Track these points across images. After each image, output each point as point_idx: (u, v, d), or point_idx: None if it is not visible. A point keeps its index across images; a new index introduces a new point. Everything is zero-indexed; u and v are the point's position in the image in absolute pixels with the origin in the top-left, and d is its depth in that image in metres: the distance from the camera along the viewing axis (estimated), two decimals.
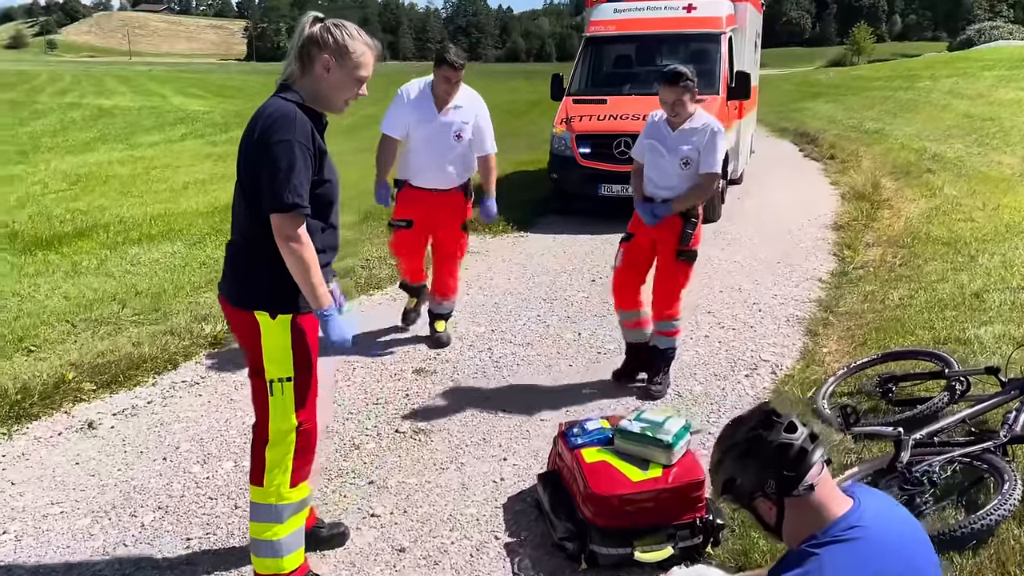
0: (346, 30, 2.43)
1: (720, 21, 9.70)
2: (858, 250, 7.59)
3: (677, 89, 3.99)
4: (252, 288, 2.48)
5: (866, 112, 23.77)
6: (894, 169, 12.84)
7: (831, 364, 4.69)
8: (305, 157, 2.33)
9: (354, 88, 2.48)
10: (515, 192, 11.07)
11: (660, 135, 4.15)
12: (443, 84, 4.65)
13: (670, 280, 4.21)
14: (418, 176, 4.83)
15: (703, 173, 4.10)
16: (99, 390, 4.36)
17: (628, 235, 4.30)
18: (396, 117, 4.78)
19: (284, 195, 2.30)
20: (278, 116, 2.35)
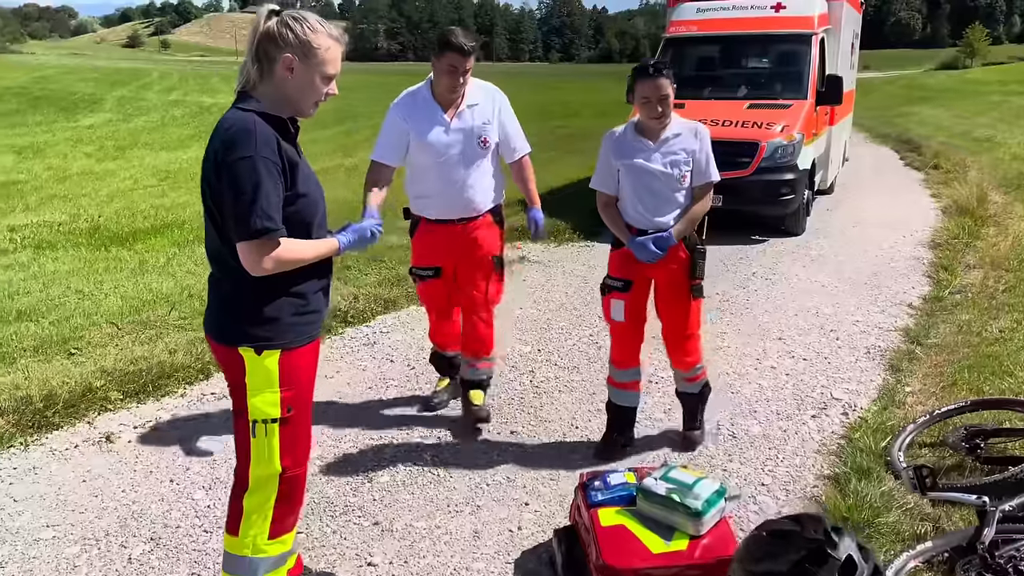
0: (307, 23, 2.14)
1: (811, 21, 9.08)
2: (956, 272, 6.91)
3: (659, 79, 3.26)
4: (234, 322, 2.23)
5: (977, 119, 22.30)
6: (1004, 182, 11.87)
7: (912, 408, 4.16)
8: (271, 173, 2.07)
9: (322, 88, 2.20)
10: (585, 198, 10.64)
11: (637, 151, 3.38)
12: (447, 77, 3.51)
13: (683, 322, 3.55)
14: (435, 206, 3.72)
15: (703, 184, 3.42)
16: (126, 399, 4.25)
17: (621, 282, 3.51)
18: (388, 138, 3.68)
19: (251, 220, 2.04)
20: (235, 131, 2.09)
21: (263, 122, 2.11)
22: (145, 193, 12.38)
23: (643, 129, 3.43)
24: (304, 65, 2.14)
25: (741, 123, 8.32)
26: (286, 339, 2.23)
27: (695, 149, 3.38)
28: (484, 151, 3.69)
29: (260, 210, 2.04)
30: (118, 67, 58.53)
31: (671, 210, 3.39)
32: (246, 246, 2.07)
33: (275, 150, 2.09)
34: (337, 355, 5.03)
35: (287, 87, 2.17)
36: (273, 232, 2.06)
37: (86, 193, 12.17)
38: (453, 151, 3.63)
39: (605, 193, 3.54)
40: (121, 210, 10.69)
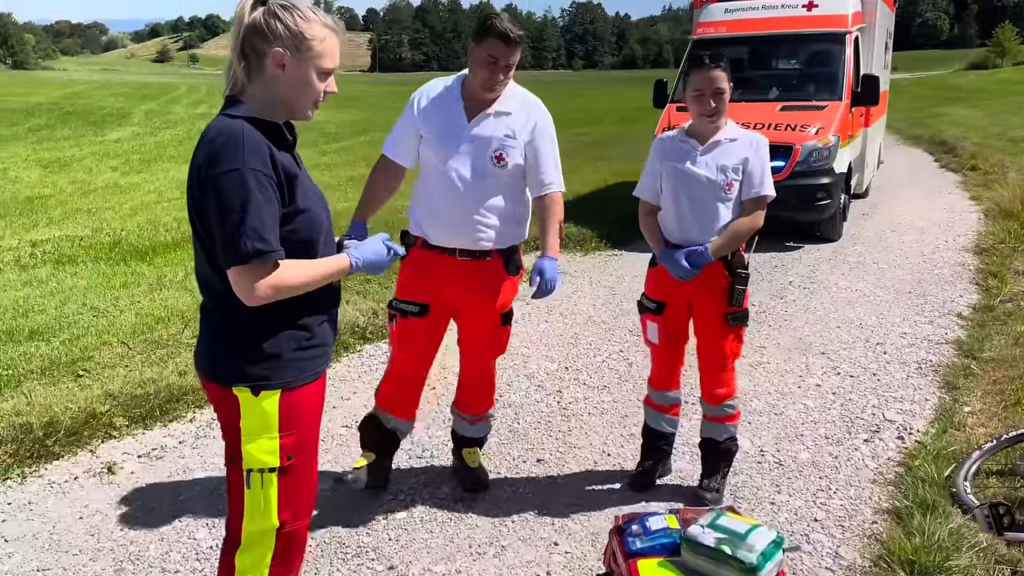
0: (298, 11, 1.87)
1: (845, 19, 8.75)
2: (1006, 279, 6.53)
3: (715, 71, 2.93)
4: (227, 358, 1.97)
5: (1012, 119, 21.71)
6: None
7: (974, 430, 3.83)
8: (264, 187, 1.81)
9: (320, 85, 1.93)
10: (613, 205, 10.41)
11: (683, 154, 3.06)
12: (484, 70, 2.85)
13: (718, 352, 3.17)
14: (435, 226, 3.03)
15: (752, 198, 3.05)
16: (132, 426, 4.03)
17: (655, 303, 3.21)
18: (404, 132, 3.08)
19: (241, 242, 1.78)
20: (221, 141, 1.83)
21: (253, 129, 1.86)
22: (169, 206, 12.29)
23: (693, 130, 3.12)
24: (297, 60, 1.88)
25: (774, 126, 7.99)
26: (287, 377, 1.97)
27: (748, 158, 3.05)
28: (499, 170, 2.96)
29: (251, 230, 1.78)
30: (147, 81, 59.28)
31: (712, 223, 3.06)
32: (237, 272, 1.82)
33: (267, 161, 1.83)
34: (354, 374, 4.78)
35: (279, 86, 1.91)
36: (267, 254, 1.80)
37: (110, 207, 12.12)
38: (462, 161, 2.95)
39: (647, 202, 3.23)
40: (143, 223, 10.60)
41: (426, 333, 3.15)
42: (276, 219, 1.84)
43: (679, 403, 3.39)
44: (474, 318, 3.15)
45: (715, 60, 2.97)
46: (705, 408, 3.30)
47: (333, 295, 2.09)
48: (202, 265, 1.96)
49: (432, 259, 3.06)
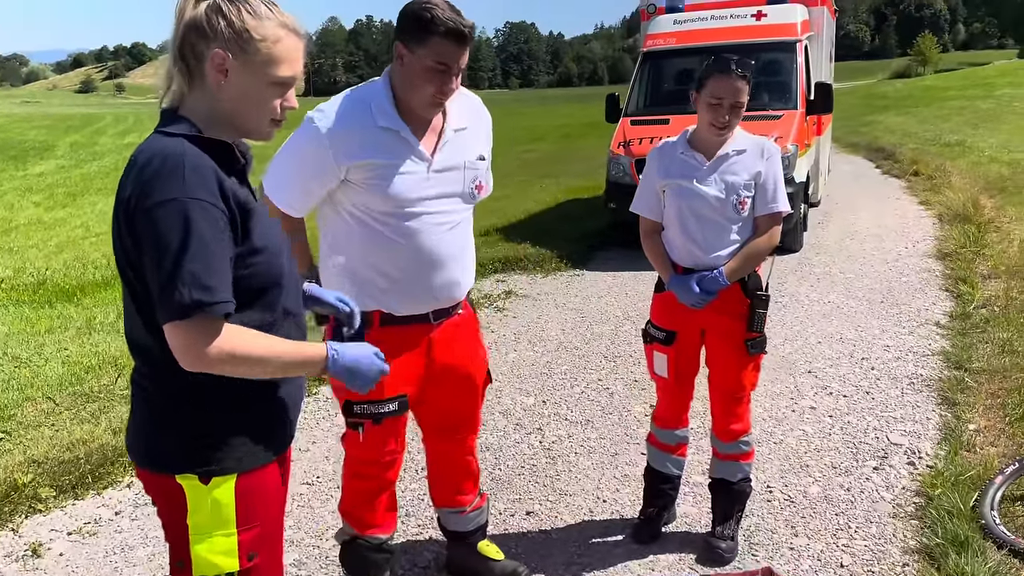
0: (246, 6, 1.51)
1: (794, 28, 8.68)
2: (975, 284, 6.42)
3: (740, 81, 2.60)
4: (168, 439, 1.58)
5: (943, 124, 22.27)
6: (988, 185, 11.59)
7: (984, 449, 3.60)
8: (210, 221, 1.44)
9: (273, 98, 1.56)
10: (570, 223, 10.17)
11: (688, 169, 2.73)
12: (431, 82, 2.14)
13: (736, 384, 2.85)
14: (403, 293, 2.32)
15: (768, 215, 2.75)
16: (60, 497, 3.54)
17: (663, 333, 2.87)
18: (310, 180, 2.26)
19: (177, 291, 1.40)
20: (155, 165, 1.45)
21: (196, 150, 1.48)
22: (97, 241, 11.65)
23: (698, 142, 2.78)
24: (242, 65, 1.50)
25: None
26: (244, 459, 1.59)
27: (760, 171, 2.73)
28: (472, 202, 2.41)
29: (189, 275, 1.40)
30: (71, 112, 57.31)
31: (724, 245, 2.74)
32: (174, 329, 1.44)
33: (215, 189, 1.46)
34: (312, 421, 4.35)
35: (223, 97, 1.53)
36: (211, 307, 1.42)
37: (33, 244, 11.43)
38: (434, 206, 2.27)
39: (647, 219, 2.89)
40: (70, 261, 9.98)
41: (402, 430, 2.48)
42: (227, 262, 1.46)
43: (687, 442, 3.06)
44: (457, 389, 2.51)
45: (743, 68, 2.62)
46: (717, 445, 2.98)
47: (301, 336, 1.70)
48: (132, 322, 1.56)
49: (401, 335, 2.33)
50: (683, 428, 3.01)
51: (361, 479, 2.49)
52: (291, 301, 1.65)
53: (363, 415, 2.35)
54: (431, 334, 2.40)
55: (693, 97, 2.72)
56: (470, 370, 2.51)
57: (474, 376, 2.54)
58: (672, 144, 2.82)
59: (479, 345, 2.58)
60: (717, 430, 2.95)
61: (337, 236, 2.33)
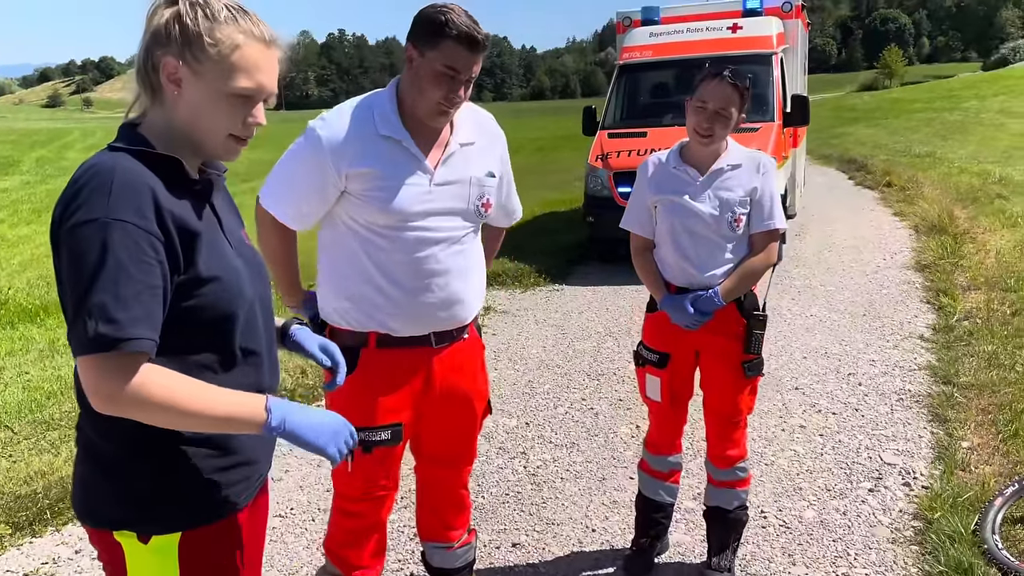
0: (208, 8, 1.35)
1: (770, 40, 8.67)
2: (956, 296, 6.40)
3: (729, 88, 2.49)
4: (102, 491, 1.41)
5: (912, 135, 22.55)
6: (960, 196, 11.69)
7: (979, 468, 3.52)
8: (132, 246, 1.27)
9: (232, 111, 1.38)
10: (547, 237, 10.05)
11: (680, 184, 2.61)
12: (439, 87, 2.04)
13: (732, 408, 2.72)
14: (403, 313, 2.17)
15: (764, 232, 2.62)
16: (16, 535, 3.33)
17: (657, 355, 2.73)
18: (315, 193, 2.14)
19: (83, 323, 1.24)
20: (82, 182, 1.30)
21: (134, 165, 1.33)
22: None
23: (690, 156, 2.66)
24: (194, 74, 1.35)
25: None
26: (190, 514, 1.42)
27: (756, 187, 2.61)
28: (479, 221, 2.27)
29: (98, 307, 1.24)
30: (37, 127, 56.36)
31: (720, 263, 2.62)
32: (81, 365, 1.28)
33: (145, 209, 1.29)
34: (285, 447, 4.15)
35: (178, 111, 1.38)
36: (116, 343, 1.24)
37: None
38: (436, 221, 2.15)
39: (638, 236, 2.77)
40: (34, 280, 9.68)
41: (396, 462, 2.30)
42: (151, 292, 1.28)
43: (680, 468, 2.93)
44: (455, 417, 2.33)
45: (736, 77, 2.51)
46: (712, 472, 2.85)
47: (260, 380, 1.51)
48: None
49: (399, 359, 2.19)
50: (676, 454, 2.88)
51: (349, 516, 2.30)
52: (251, 339, 1.48)
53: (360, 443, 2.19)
54: (432, 359, 2.23)
55: (686, 105, 2.61)
56: (471, 397, 2.34)
57: (475, 404, 2.36)
58: (663, 158, 2.70)
59: (482, 372, 2.41)
60: (712, 456, 2.82)
61: (334, 251, 2.20)
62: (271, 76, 1.40)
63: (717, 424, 2.77)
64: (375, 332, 2.18)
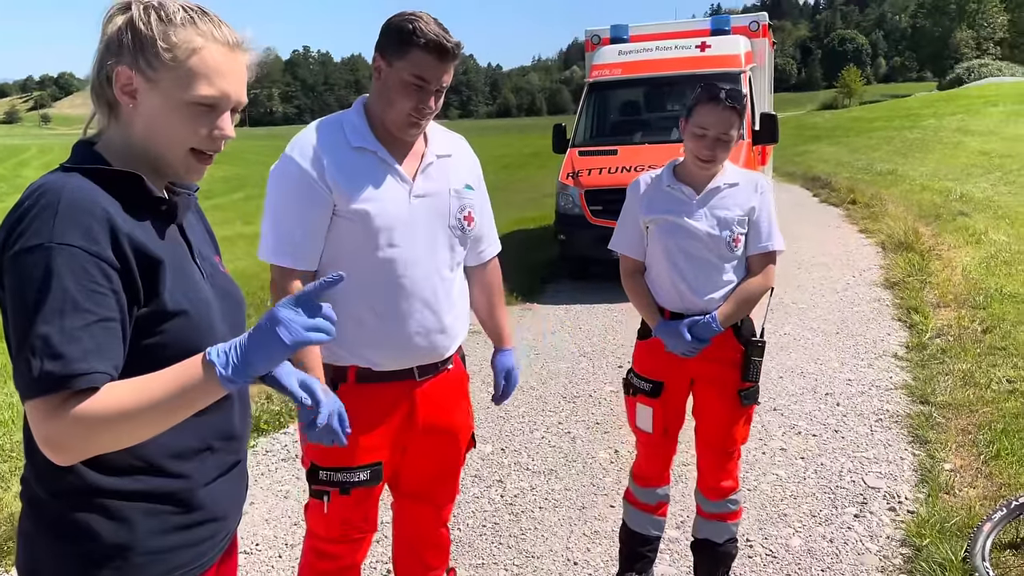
0: (161, 11, 1.22)
1: (739, 59, 8.71)
2: (927, 314, 6.41)
3: (728, 112, 2.39)
4: (50, 553, 1.25)
5: (874, 153, 22.92)
6: (923, 213, 11.84)
7: (963, 492, 3.46)
8: (82, 273, 1.13)
9: (191, 121, 1.25)
10: (517, 255, 9.95)
11: (675, 203, 2.49)
12: (408, 98, 1.94)
13: (727, 438, 2.61)
14: (384, 345, 2.05)
15: (762, 254, 2.54)
16: None
17: (650, 384, 2.61)
18: (312, 220, 2.00)
19: (25, 361, 1.10)
20: (26, 205, 1.17)
21: (86, 185, 1.19)
22: None
23: (685, 175, 2.55)
24: (149, 82, 1.22)
25: None
26: None
27: (754, 206, 2.53)
28: (464, 238, 2.14)
29: (41, 341, 1.09)
30: None
31: (717, 286, 2.52)
32: (31, 410, 1.12)
33: (97, 233, 1.15)
34: (250, 475, 3.98)
35: (134, 124, 1.25)
36: (67, 382, 1.09)
37: None
38: (418, 236, 2.03)
39: (629, 258, 2.65)
40: None
41: (374, 503, 2.16)
42: (102, 326, 1.13)
43: (668, 500, 2.81)
44: (438, 452, 2.20)
45: (734, 99, 2.41)
46: (703, 504, 2.74)
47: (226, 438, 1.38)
48: None
49: (380, 393, 2.07)
50: (665, 486, 2.77)
51: (323, 558, 2.16)
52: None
53: (329, 483, 2.05)
54: (414, 392, 2.10)
55: (682, 126, 2.51)
56: (455, 431, 2.22)
57: (459, 438, 2.24)
58: (656, 177, 2.60)
59: (466, 404, 2.29)
60: (704, 487, 2.72)
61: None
62: (237, 83, 1.27)
63: (710, 454, 2.67)
64: (354, 366, 2.06)
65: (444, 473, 2.28)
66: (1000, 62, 61.40)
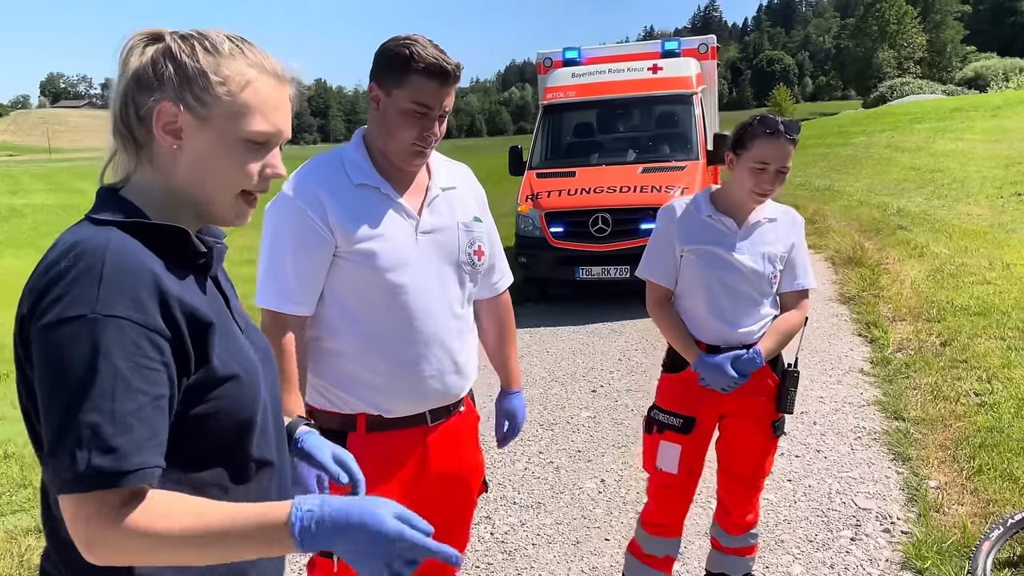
0: (207, 41, 1.12)
1: (690, 81, 8.84)
2: (885, 328, 6.54)
3: (788, 145, 2.33)
4: None
5: (810, 169, 23.53)
6: (864, 227, 12.18)
7: (953, 509, 3.48)
8: (133, 348, 1.00)
9: (246, 160, 1.14)
10: None
11: (717, 234, 2.44)
12: (411, 127, 1.84)
13: (757, 470, 2.59)
14: (395, 390, 1.94)
15: (796, 291, 2.52)
16: None
17: (680, 420, 2.50)
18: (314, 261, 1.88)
19: (69, 453, 0.96)
20: (62, 267, 1.02)
21: (129, 243, 1.06)
22: None
23: (726, 205, 2.47)
24: (199, 119, 1.10)
25: (639, 188, 7.81)
26: None
27: (794, 243, 2.49)
28: (474, 273, 2.04)
29: (90, 431, 0.96)
30: None
31: (755, 321, 2.46)
32: (66, 505, 0.99)
33: (146, 300, 1.02)
34: None
35: (178, 167, 1.12)
36: (120, 480, 0.96)
37: None
38: (427, 275, 1.92)
39: (659, 286, 2.54)
40: None
41: None
42: (155, 405, 1.01)
43: (677, 554, 2.69)
44: (449, 500, 2.07)
45: (792, 131, 2.34)
46: (722, 538, 2.68)
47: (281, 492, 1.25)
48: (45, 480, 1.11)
49: (391, 442, 1.94)
50: (678, 537, 2.64)
51: None
52: (267, 446, 1.21)
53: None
54: (427, 438, 1.99)
55: (729, 158, 2.43)
56: (467, 477, 2.11)
57: (471, 484, 2.13)
58: (693, 205, 2.50)
59: (477, 449, 2.17)
60: (726, 522, 2.66)
61: (314, 324, 1.94)
62: (287, 117, 1.17)
63: (739, 488, 2.61)
64: (364, 414, 1.94)
65: (455, 522, 2.15)
66: (920, 80, 64.06)
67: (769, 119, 2.37)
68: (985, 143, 20.09)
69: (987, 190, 13.58)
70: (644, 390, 5.46)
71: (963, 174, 16.27)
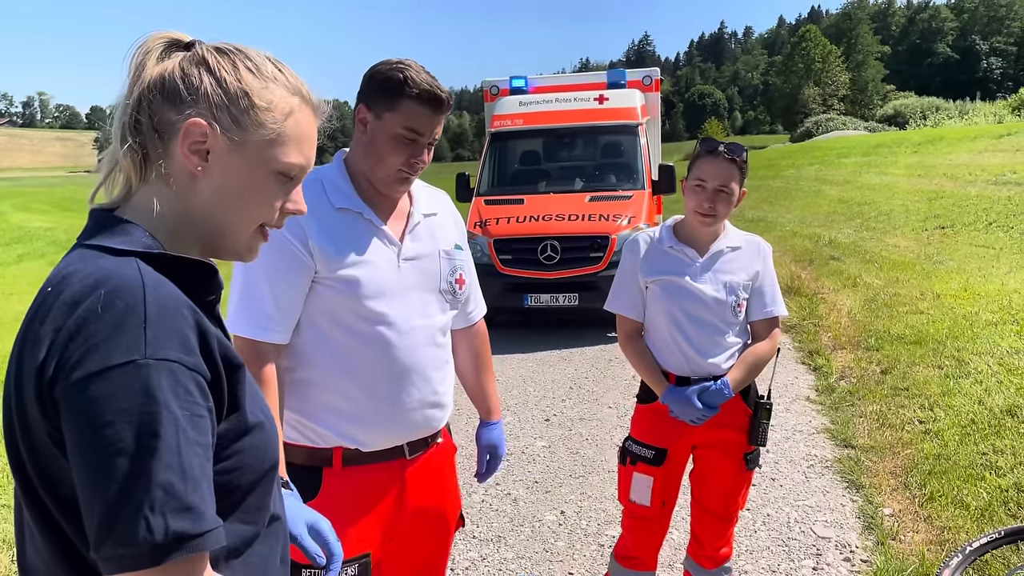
0: (248, 60, 1.03)
1: (635, 112, 8.99)
2: (828, 357, 6.68)
3: (727, 163, 2.31)
4: None
5: (742, 201, 24.21)
6: (798, 258, 12.53)
7: (908, 537, 3.53)
8: (186, 397, 0.89)
9: (277, 196, 1.06)
10: None
11: (679, 264, 2.42)
12: (399, 152, 1.81)
13: (730, 503, 2.57)
14: (373, 423, 1.86)
15: (765, 319, 2.50)
16: None
17: (652, 451, 2.48)
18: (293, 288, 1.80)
19: (141, 521, 0.83)
20: (93, 307, 0.89)
21: (161, 278, 0.95)
22: None
23: (687, 235, 2.47)
24: (234, 144, 1.01)
25: (587, 216, 7.87)
26: None
27: (758, 271, 2.48)
28: (455, 301, 2.00)
29: (163, 492, 0.84)
30: None
31: (722, 350, 2.44)
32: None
33: (192, 340, 0.92)
34: None
35: (198, 193, 1.02)
36: (195, 540, 0.86)
37: None
38: (409, 304, 1.87)
39: (629, 319, 2.53)
40: None
41: None
42: (207, 456, 0.91)
43: None
44: (427, 536, 2.00)
45: (733, 152, 2.34)
46: (696, 572, 2.65)
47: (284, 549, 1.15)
48: (35, 554, 0.97)
49: (368, 477, 1.87)
50: (652, 571, 2.62)
51: None
52: (279, 500, 1.13)
53: None
54: (405, 472, 1.92)
55: (683, 186, 2.43)
56: (444, 511, 2.04)
57: (448, 519, 2.06)
58: (655, 236, 2.50)
59: (455, 481, 2.11)
60: (700, 556, 2.63)
61: (287, 353, 1.84)
62: (314, 149, 1.09)
63: (712, 521, 2.59)
64: (340, 447, 1.85)
65: (431, 561, 2.08)
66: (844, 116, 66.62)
67: (710, 140, 2.40)
68: (908, 178, 20.95)
69: (912, 223, 14.12)
70: (597, 418, 5.44)
71: (889, 207, 16.89)
